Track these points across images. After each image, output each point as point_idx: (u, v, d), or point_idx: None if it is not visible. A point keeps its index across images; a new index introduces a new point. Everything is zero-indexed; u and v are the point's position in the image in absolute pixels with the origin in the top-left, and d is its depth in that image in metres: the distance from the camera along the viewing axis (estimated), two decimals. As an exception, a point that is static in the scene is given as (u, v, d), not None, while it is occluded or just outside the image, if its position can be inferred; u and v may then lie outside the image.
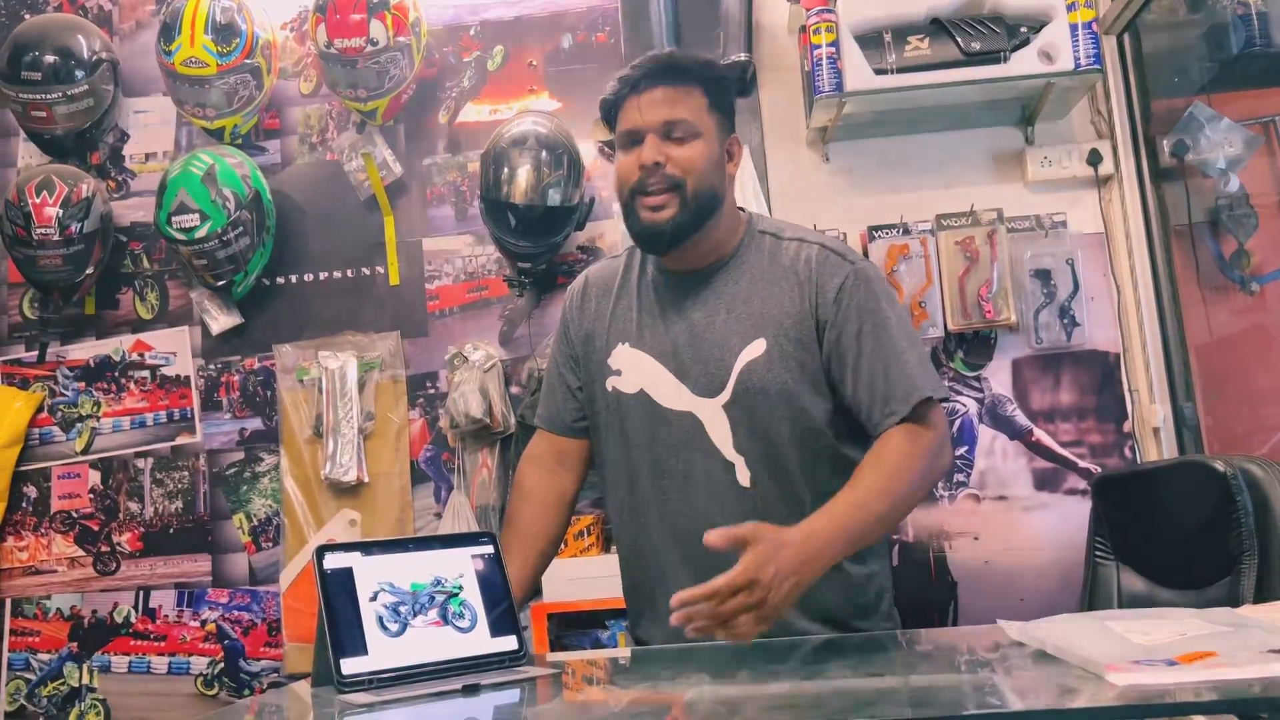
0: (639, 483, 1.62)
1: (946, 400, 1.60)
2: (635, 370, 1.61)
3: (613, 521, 1.74)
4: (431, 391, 2.81)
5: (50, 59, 2.83)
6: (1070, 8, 2.42)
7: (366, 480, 2.77)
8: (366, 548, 1.35)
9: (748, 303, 1.57)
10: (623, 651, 1.72)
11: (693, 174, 1.53)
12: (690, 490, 1.56)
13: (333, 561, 1.31)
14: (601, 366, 1.65)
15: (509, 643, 1.36)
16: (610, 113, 1.63)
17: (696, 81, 1.58)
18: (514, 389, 2.74)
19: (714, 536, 1.28)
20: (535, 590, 2.01)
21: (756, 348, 1.54)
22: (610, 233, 2.79)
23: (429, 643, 1.30)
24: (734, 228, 1.63)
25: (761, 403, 1.53)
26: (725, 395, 1.55)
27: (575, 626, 2.53)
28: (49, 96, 2.84)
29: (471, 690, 1.21)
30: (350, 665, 1.24)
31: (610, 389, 1.63)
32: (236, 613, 2.80)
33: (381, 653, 1.27)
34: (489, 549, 1.42)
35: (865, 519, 1.39)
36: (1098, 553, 1.97)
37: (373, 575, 1.32)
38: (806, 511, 1.40)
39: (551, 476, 1.74)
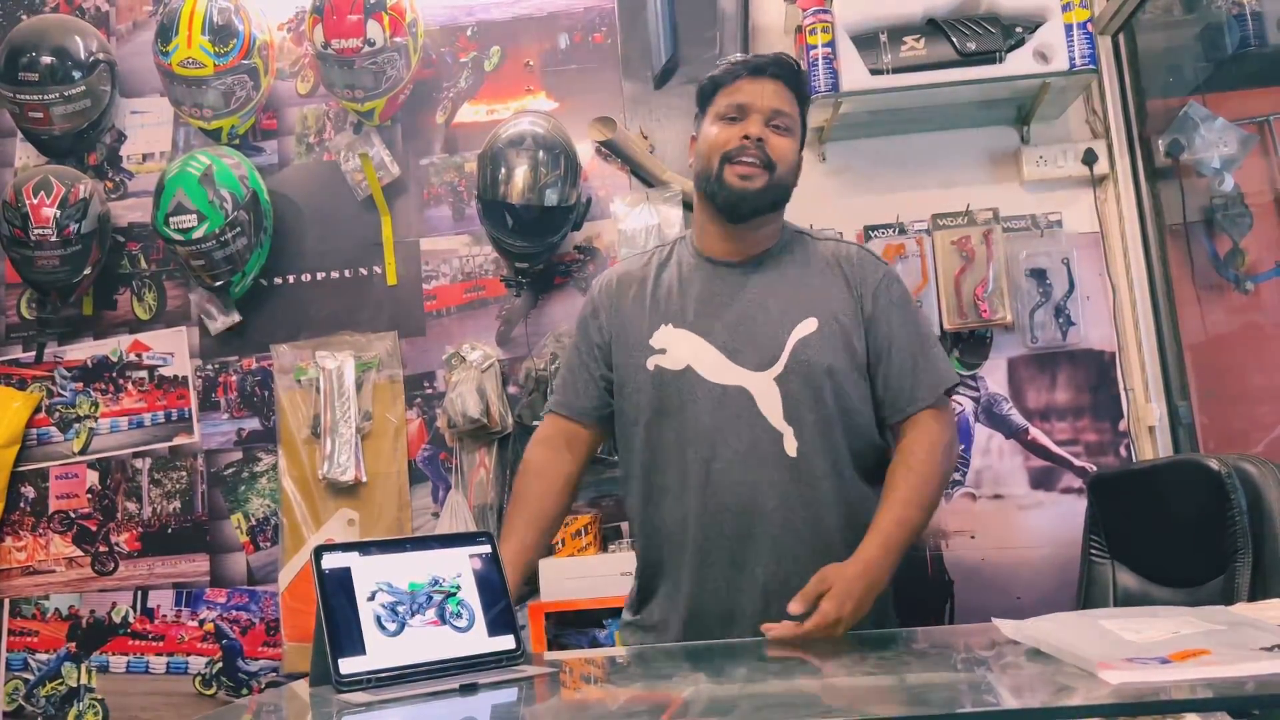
0: (679, 457, 1.66)
1: (957, 384, 1.74)
2: (681, 348, 1.68)
3: (637, 505, 1.75)
4: (429, 391, 2.81)
5: (47, 60, 2.84)
6: (1065, 8, 2.42)
7: (364, 480, 2.77)
8: (364, 547, 1.35)
9: (797, 287, 1.69)
10: (620, 651, 1.72)
11: (783, 162, 1.67)
12: (736, 460, 1.62)
13: (331, 561, 1.31)
14: (641, 348, 1.71)
15: (506, 642, 1.36)
16: (712, 89, 1.71)
17: (801, 92, 1.73)
18: (511, 389, 2.75)
19: (795, 606, 1.44)
20: (534, 574, 2.08)
21: (809, 325, 1.65)
22: (607, 233, 2.79)
23: (427, 642, 1.31)
24: (780, 226, 1.77)
25: (812, 376, 1.63)
26: (778, 368, 1.64)
27: (573, 625, 2.54)
28: (46, 97, 2.84)
29: (469, 689, 1.22)
30: (348, 665, 1.24)
31: (653, 367, 1.69)
32: (235, 612, 2.81)
33: (379, 652, 1.27)
34: (486, 549, 1.43)
35: (907, 534, 1.56)
36: (1093, 551, 1.98)
37: (371, 575, 1.32)
38: (846, 482, 1.63)
39: (559, 456, 1.80)
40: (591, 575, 2.43)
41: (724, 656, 1.38)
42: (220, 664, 2.79)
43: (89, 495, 2.91)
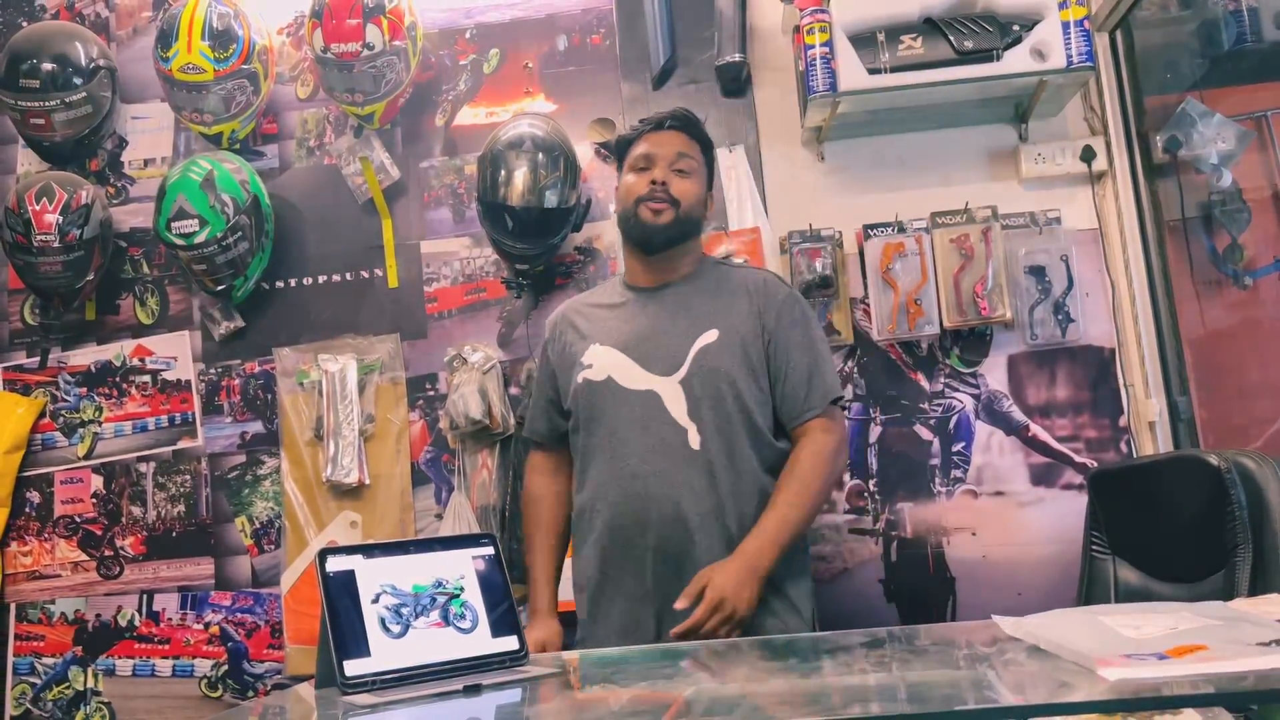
0: (601, 455, 1.92)
1: (847, 402, 1.98)
2: (604, 362, 1.95)
3: (576, 511, 2.02)
4: (431, 393, 2.82)
5: (48, 66, 2.85)
6: (1062, 5, 2.42)
7: (367, 482, 2.78)
8: (368, 550, 1.36)
9: (703, 305, 1.95)
10: (618, 650, 1.73)
11: (686, 199, 1.95)
12: (648, 456, 1.86)
13: (335, 564, 1.32)
14: (576, 367, 1.98)
15: (510, 643, 1.37)
16: (626, 146, 2.02)
17: (701, 142, 2.02)
18: (513, 390, 2.76)
19: (680, 603, 1.71)
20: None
21: (710, 335, 1.91)
22: (608, 233, 2.80)
23: (431, 644, 1.32)
24: (696, 259, 2.05)
25: (711, 379, 1.88)
26: (681, 373, 1.89)
27: (571, 626, 2.54)
28: (47, 104, 2.85)
29: (473, 690, 1.23)
30: (353, 667, 1.25)
31: (581, 380, 1.96)
32: (239, 615, 2.82)
33: (384, 654, 1.28)
34: (489, 550, 1.44)
35: (788, 531, 1.80)
36: (1094, 547, 1.99)
37: (374, 577, 1.33)
38: (743, 474, 1.86)
39: (550, 479, 2.12)
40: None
41: (726, 656, 1.39)
42: (226, 667, 2.81)
43: (94, 500, 2.92)
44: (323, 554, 1.32)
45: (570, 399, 2.01)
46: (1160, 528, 1.86)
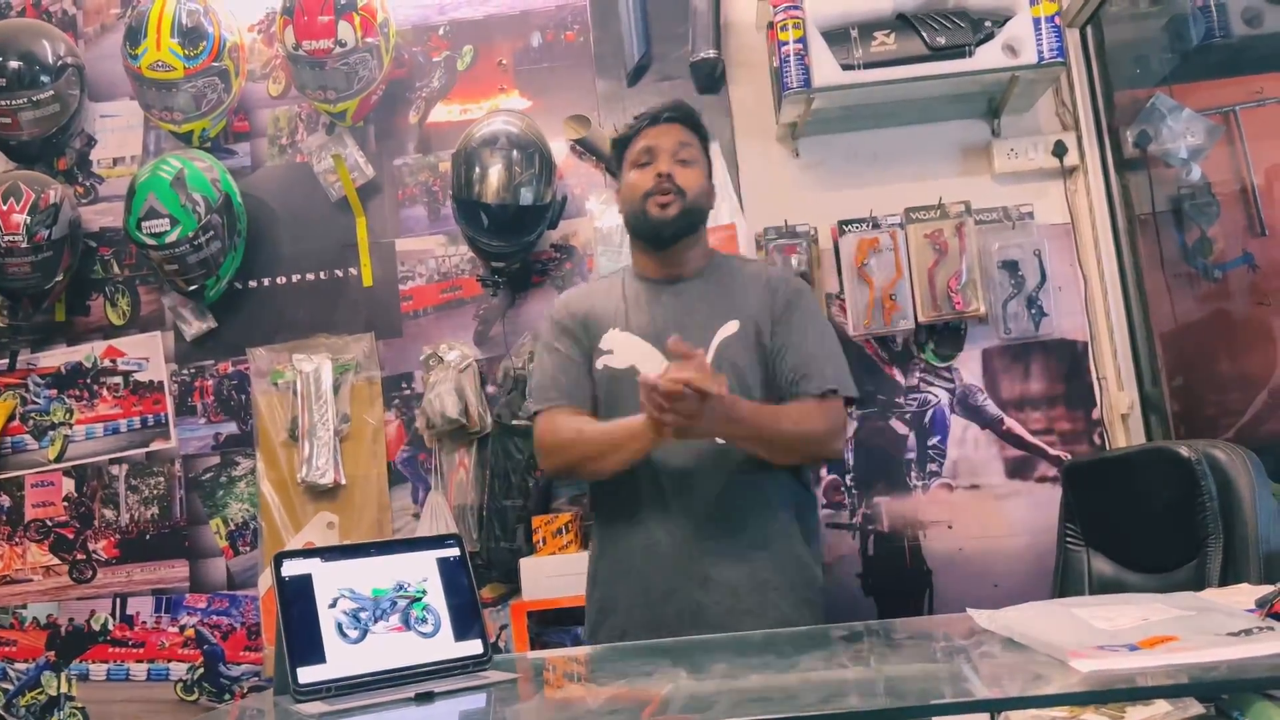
0: None
1: (858, 404, 1.95)
2: (625, 349, 1.89)
3: (598, 499, 1.95)
4: (407, 392, 2.81)
5: (14, 64, 2.81)
6: (1033, 1, 2.44)
7: (343, 482, 2.77)
8: (327, 553, 1.33)
9: (721, 297, 1.92)
10: (601, 648, 1.73)
11: (692, 188, 1.90)
12: (673, 445, 1.77)
13: (291, 568, 1.29)
14: (594, 351, 1.92)
15: (474, 646, 1.35)
16: (624, 144, 1.97)
17: (699, 132, 1.98)
18: (490, 388, 2.75)
19: (682, 346, 1.67)
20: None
21: (731, 326, 1.88)
22: (583, 231, 2.80)
23: (390, 649, 1.29)
24: (707, 252, 2.01)
25: (733, 371, 1.82)
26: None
27: (554, 623, 2.55)
28: (14, 102, 2.82)
29: (425, 698, 1.20)
30: (307, 674, 1.23)
31: (602, 366, 1.90)
32: (215, 618, 2.80)
33: (340, 660, 1.25)
34: (454, 551, 1.41)
35: (764, 429, 1.78)
36: (1068, 538, 2.01)
37: (332, 581, 1.30)
38: (763, 463, 1.81)
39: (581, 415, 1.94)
40: (573, 573, 2.42)
41: (703, 653, 1.39)
42: (202, 670, 2.78)
43: (65, 503, 2.89)
44: (278, 557, 1.29)
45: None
46: (1133, 519, 1.87)
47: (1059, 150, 2.67)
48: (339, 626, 1.27)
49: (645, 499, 1.84)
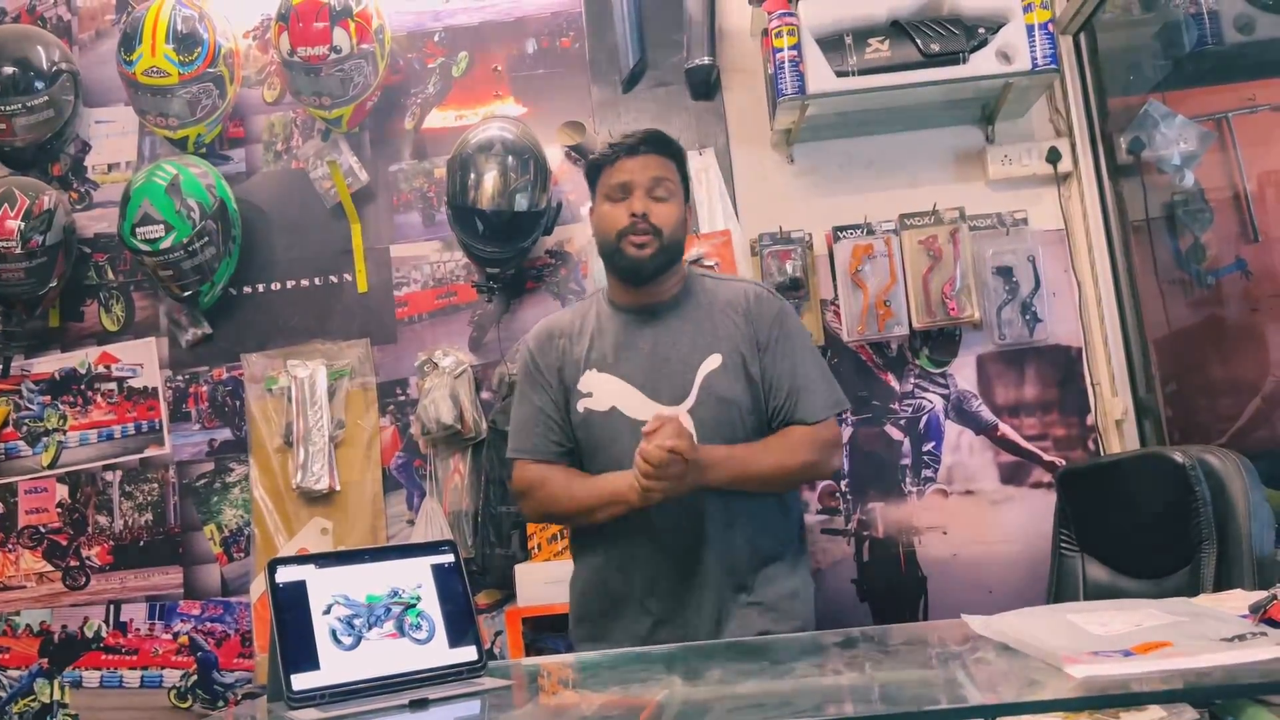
0: None
1: (846, 412, 1.90)
2: (605, 391, 1.86)
3: (578, 539, 1.93)
4: (402, 398, 2.81)
5: (9, 70, 2.81)
6: (1027, 9, 2.45)
7: (338, 489, 2.76)
8: (321, 560, 1.33)
9: (700, 327, 1.88)
10: (596, 654, 1.73)
11: (668, 226, 1.86)
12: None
13: (285, 575, 1.29)
14: (572, 394, 1.88)
15: (468, 653, 1.34)
16: (597, 170, 1.92)
17: (675, 157, 1.92)
18: (485, 394, 2.75)
19: (653, 424, 1.68)
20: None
21: (714, 361, 1.84)
22: (579, 236, 2.80)
23: (384, 656, 1.29)
24: (681, 277, 1.96)
25: (720, 405, 1.82)
26: (690, 401, 1.82)
27: (549, 630, 2.54)
28: (8, 108, 2.81)
29: (419, 705, 1.20)
30: (301, 681, 1.22)
31: (582, 410, 1.86)
32: (209, 624, 2.79)
33: (334, 667, 1.25)
34: (449, 557, 1.40)
35: (751, 471, 1.78)
36: (1063, 544, 2.01)
37: (326, 588, 1.30)
38: (755, 495, 1.81)
39: (555, 466, 1.92)
40: (567, 580, 2.42)
41: (697, 659, 1.39)
42: (195, 676, 2.77)
43: (59, 509, 2.88)
44: (272, 564, 1.29)
45: (570, 427, 1.90)
46: (1127, 525, 1.88)
47: (1053, 156, 2.68)
48: (333, 633, 1.27)
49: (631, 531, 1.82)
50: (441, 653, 1.33)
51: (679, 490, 1.69)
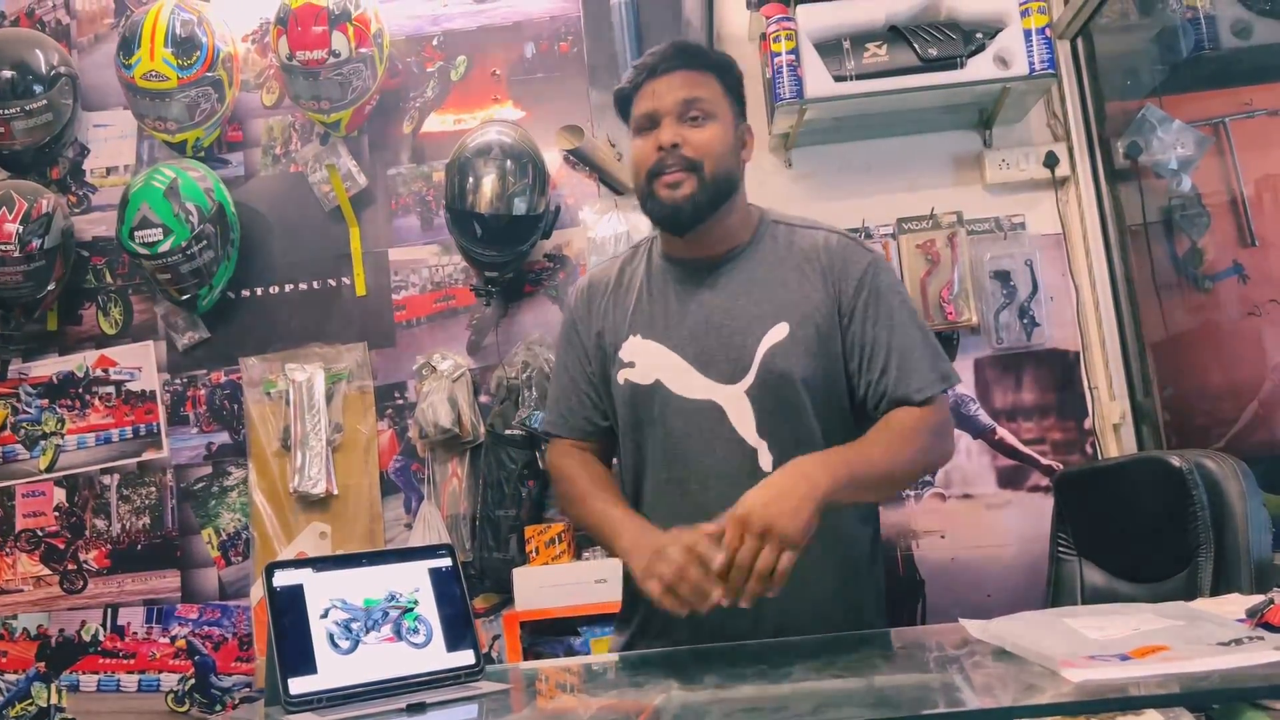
0: (653, 476, 1.58)
1: (955, 385, 1.60)
2: (649, 361, 1.58)
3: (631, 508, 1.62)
4: (400, 402, 2.81)
5: (7, 74, 2.81)
6: (1024, 13, 2.46)
7: (336, 492, 2.76)
8: (318, 563, 1.32)
9: (767, 288, 1.56)
10: (595, 658, 1.73)
11: (710, 156, 1.54)
12: (710, 480, 1.52)
13: (282, 578, 1.29)
14: (613, 361, 1.62)
15: (465, 657, 1.34)
16: (626, 102, 1.62)
17: (712, 68, 1.59)
18: (483, 398, 2.75)
19: (709, 527, 1.32)
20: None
21: (779, 331, 1.53)
22: (576, 240, 2.80)
23: (382, 660, 1.28)
24: (747, 219, 1.63)
25: (785, 387, 1.52)
26: (748, 380, 1.53)
27: (548, 634, 2.54)
28: (7, 112, 2.81)
29: (416, 709, 1.20)
30: (298, 685, 1.22)
31: (623, 381, 1.59)
32: (207, 628, 2.79)
33: (331, 671, 1.25)
34: (447, 561, 1.40)
35: (866, 465, 1.42)
36: (1060, 548, 2.01)
37: (324, 592, 1.30)
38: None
39: (588, 456, 1.69)
40: (566, 583, 2.43)
41: (695, 662, 1.39)
42: (193, 681, 2.77)
43: (56, 513, 2.87)
44: (270, 568, 1.29)
45: (610, 397, 1.65)
46: (1124, 529, 1.88)
47: (1050, 161, 2.68)
48: (330, 637, 1.27)
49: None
50: (439, 657, 1.33)
51: (793, 523, 1.30)
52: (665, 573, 1.33)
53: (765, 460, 1.52)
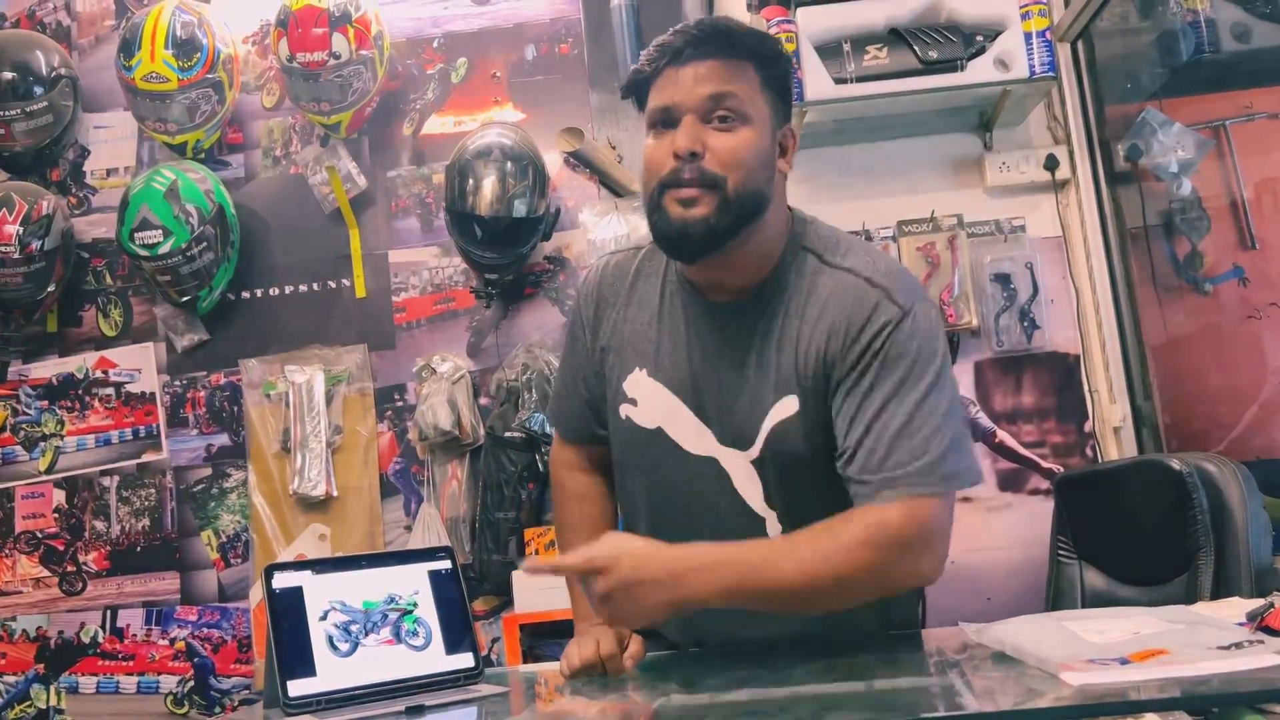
0: (667, 520, 1.43)
1: (961, 487, 1.32)
2: (652, 403, 1.41)
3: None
4: (400, 404, 2.81)
5: (8, 75, 2.81)
6: (1025, 16, 2.45)
7: (335, 494, 2.76)
8: (318, 565, 1.33)
9: (780, 350, 1.34)
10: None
11: (736, 170, 1.26)
12: (721, 540, 1.29)
13: (282, 580, 1.29)
14: (617, 390, 1.46)
15: (465, 660, 1.34)
16: (642, 87, 1.33)
17: (751, 56, 1.30)
18: (482, 400, 2.75)
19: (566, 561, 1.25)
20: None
21: (788, 406, 1.33)
22: (576, 243, 2.80)
23: (381, 662, 1.29)
24: (776, 240, 1.37)
25: (794, 465, 1.35)
26: (754, 452, 1.36)
27: (547, 636, 2.54)
28: (7, 113, 2.82)
29: (415, 712, 1.20)
30: (297, 687, 1.22)
31: (624, 417, 1.44)
32: (206, 630, 2.78)
33: (330, 673, 1.25)
34: (446, 564, 1.40)
35: (762, 577, 1.21)
36: (1060, 551, 2.01)
37: (323, 594, 1.30)
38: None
39: (589, 477, 1.58)
40: (564, 587, 2.42)
41: (694, 665, 1.38)
42: (192, 682, 2.77)
43: (56, 515, 2.87)
44: (269, 570, 1.29)
45: (608, 420, 1.50)
46: (1124, 532, 1.88)
47: (1050, 164, 2.68)
48: (330, 639, 1.27)
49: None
50: (438, 659, 1.33)
51: (636, 618, 1.22)
52: (573, 659, 1.34)
53: (774, 529, 1.38)
